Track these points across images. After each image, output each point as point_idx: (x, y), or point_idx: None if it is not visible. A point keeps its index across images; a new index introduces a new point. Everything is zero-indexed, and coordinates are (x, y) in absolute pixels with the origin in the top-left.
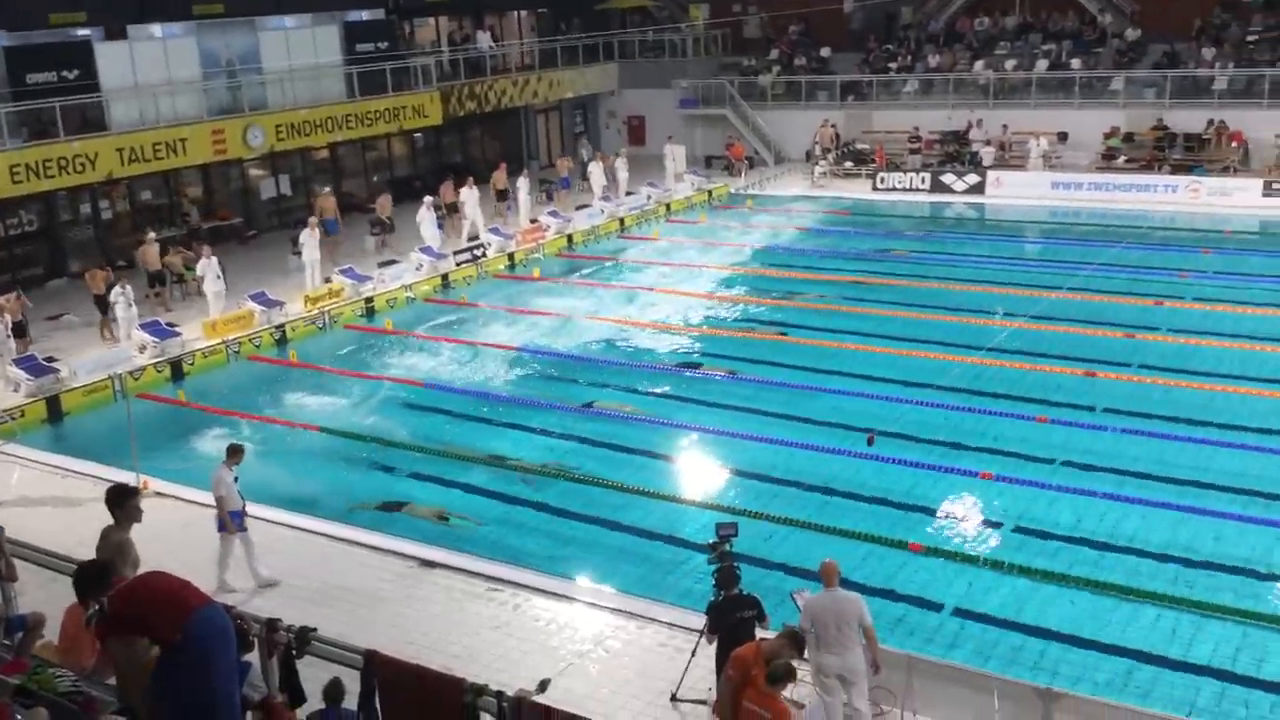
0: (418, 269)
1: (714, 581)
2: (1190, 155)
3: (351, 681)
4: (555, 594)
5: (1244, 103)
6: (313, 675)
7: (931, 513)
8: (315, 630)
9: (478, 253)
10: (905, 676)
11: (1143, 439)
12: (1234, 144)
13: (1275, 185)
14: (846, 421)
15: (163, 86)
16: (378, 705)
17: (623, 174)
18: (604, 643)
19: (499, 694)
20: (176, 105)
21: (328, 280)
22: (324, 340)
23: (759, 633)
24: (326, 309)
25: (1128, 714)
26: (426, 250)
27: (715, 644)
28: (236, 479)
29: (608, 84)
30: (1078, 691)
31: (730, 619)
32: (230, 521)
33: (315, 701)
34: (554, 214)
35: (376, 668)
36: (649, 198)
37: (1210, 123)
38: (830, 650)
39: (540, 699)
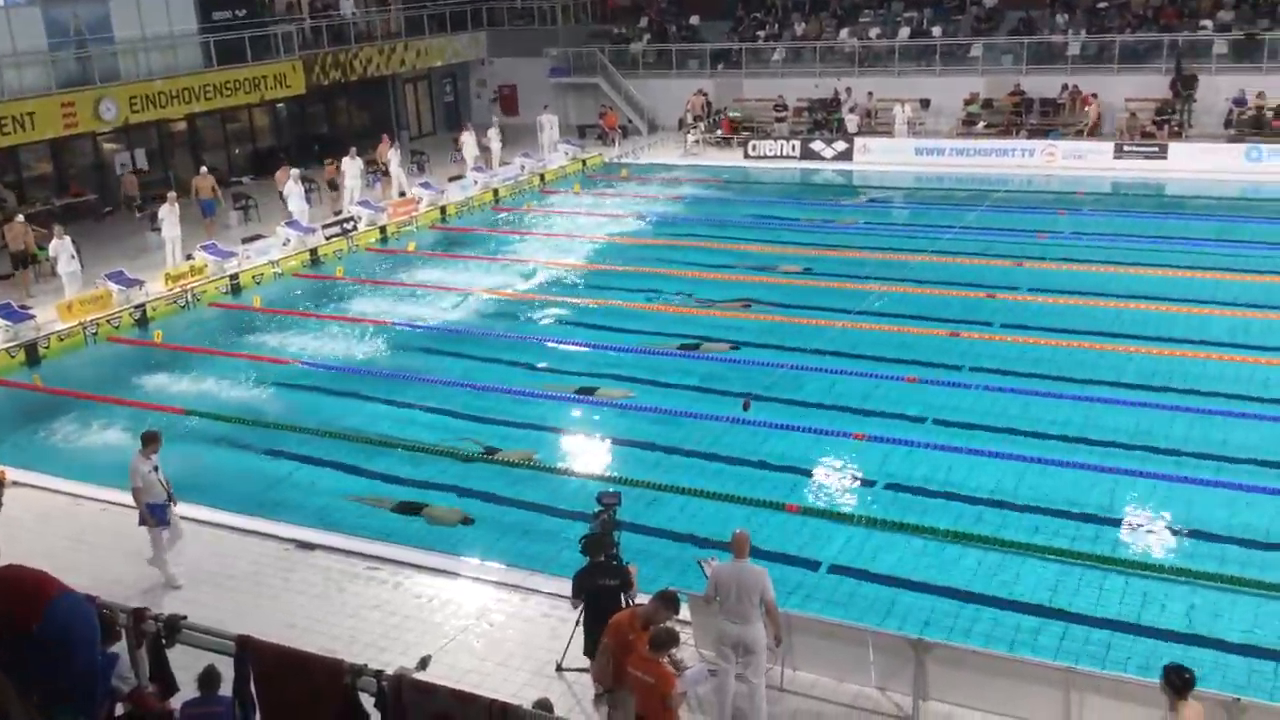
0: (285, 244)
1: (580, 549)
2: (1046, 120)
3: (228, 668)
4: (437, 570)
5: (1096, 68)
6: (189, 664)
7: (808, 474)
8: (185, 618)
9: (348, 226)
10: (784, 634)
11: (1007, 395)
12: (1087, 108)
13: (1126, 148)
14: (723, 387)
15: (6, 58)
16: (253, 691)
17: (495, 144)
18: (488, 616)
19: (379, 674)
20: (23, 78)
21: (189, 257)
22: (188, 319)
23: (632, 600)
24: (189, 287)
25: (997, 660)
26: (293, 224)
27: (582, 611)
28: (156, 468)
29: (477, 52)
30: (950, 641)
31: (592, 586)
32: (148, 515)
33: (190, 691)
34: (426, 186)
35: (250, 653)
36: (523, 168)
37: (1065, 88)
38: (730, 619)
39: (421, 676)
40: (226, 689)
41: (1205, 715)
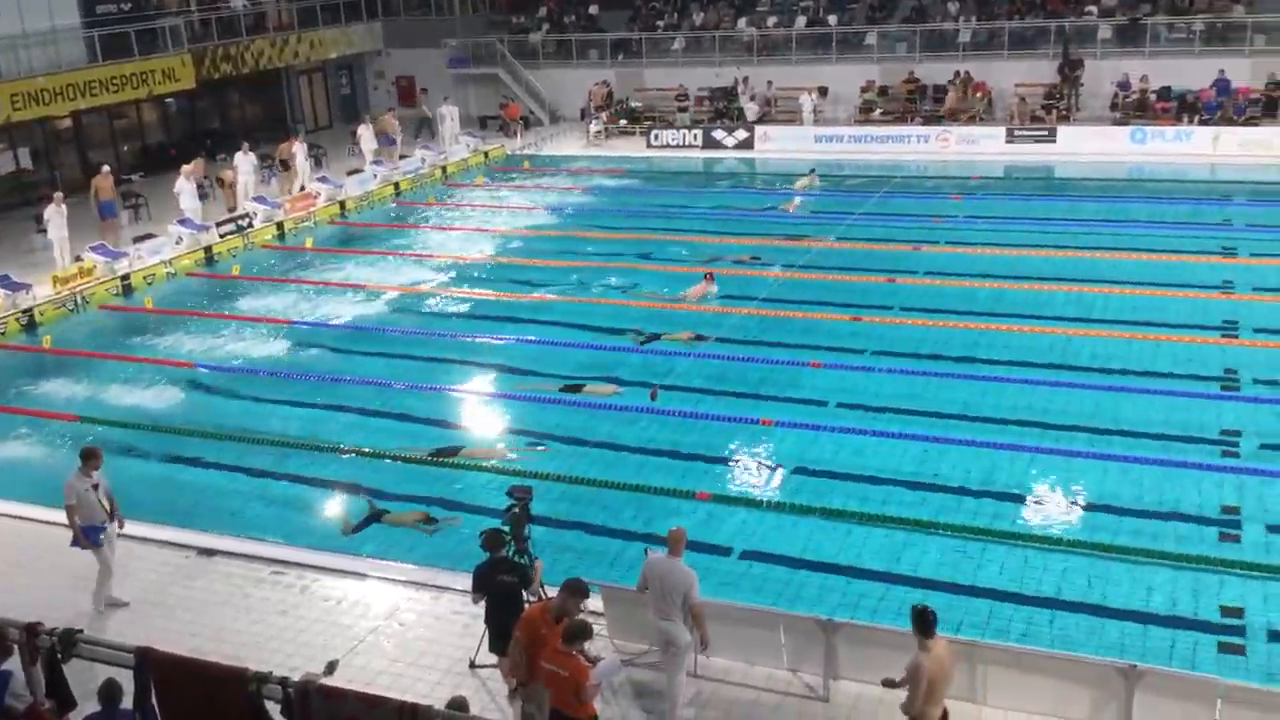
0: (177, 242)
1: (480, 544)
2: (940, 106)
3: (129, 682)
4: (344, 571)
5: (987, 54)
6: (88, 679)
7: (717, 461)
8: (81, 631)
9: (243, 223)
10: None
11: (909, 377)
12: (979, 94)
13: (1017, 132)
14: (630, 377)
15: None
16: (155, 703)
17: (396, 136)
18: (398, 616)
19: (284, 680)
20: None
21: (78, 259)
22: (78, 323)
23: (532, 596)
24: (78, 290)
25: (905, 638)
26: (185, 222)
27: (484, 606)
28: (96, 486)
29: (373, 43)
30: (859, 621)
31: (491, 582)
32: (81, 536)
33: (91, 706)
34: (324, 180)
35: (151, 665)
36: (424, 161)
37: (957, 74)
38: (656, 614)
39: (329, 681)
40: (128, 702)
41: (1100, 679)
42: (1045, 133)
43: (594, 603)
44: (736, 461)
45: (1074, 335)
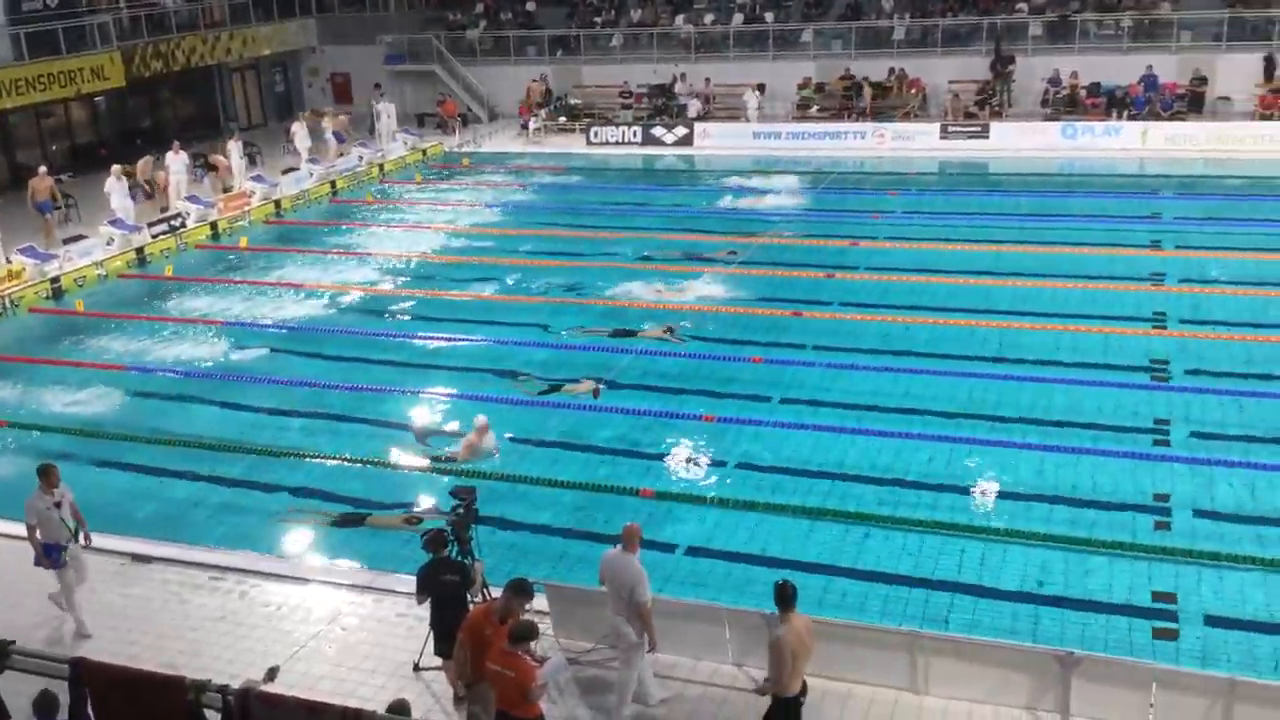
0: (108, 244)
1: (422, 545)
2: (875, 103)
3: (65, 693)
4: (285, 576)
5: (921, 51)
6: (23, 689)
7: (660, 458)
8: (14, 643)
9: (175, 223)
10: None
11: (850, 371)
12: (913, 91)
13: (951, 128)
14: (574, 374)
15: None
16: (91, 715)
17: (329, 134)
18: (340, 620)
19: (224, 688)
20: None
21: (8, 261)
22: (7, 327)
23: (474, 596)
24: (7, 293)
25: (850, 630)
26: (116, 223)
27: (429, 608)
28: (58, 504)
29: (307, 40)
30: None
31: (434, 583)
32: (43, 556)
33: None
34: (259, 179)
35: (86, 676)
36: (361, 159)
37: (892, 71)
38: (610, 609)
39: (270, 687)
40: (65, 715)
41: (1038, 666)
42: (979, 129)
43: (539, 601)
44: (679, 458)
45: (1008, 328)
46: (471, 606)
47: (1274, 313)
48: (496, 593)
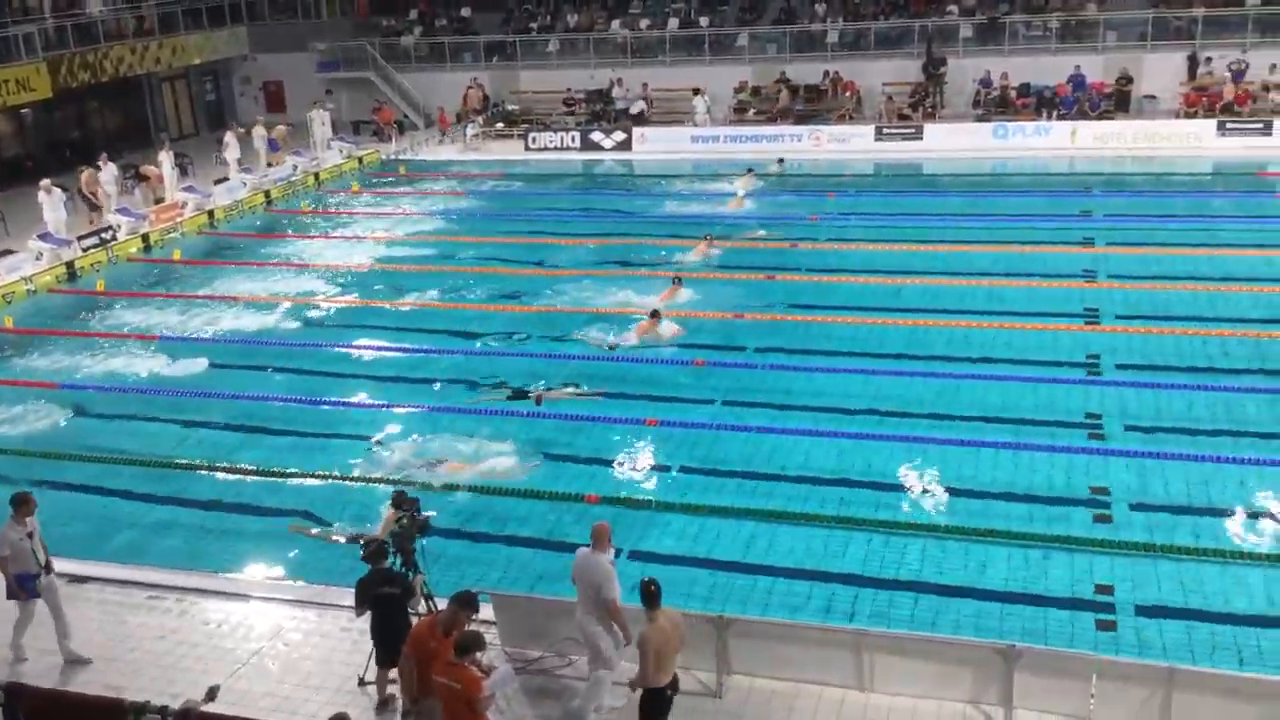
0: (37, 258)
1: (362, 556)
2: (811, 105)
3: None
4: (225, 593)
5: (854, 54)
6: None
7: (605, 463)
8: None
9: (106, 236)
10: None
11: (790, 373)
12: (848, 93)
13: (885, 130)
14: (515, 382)
15: None
16: None
17: (260, 144)
18: (282, 636)
19: (163, 709)
20: None
21: None
22: None
23: (441, 603)
24: None
25: (794, 629)
26: (46, 237)
27: (369, 619)
28: (31, 534)
29: (238, 48)
30: (749, 615)
31: (373, 594)
32: (17, 587)
33: None
34: (191, 190)
35: (21, 701)
36: (295, 168)
37: (826, 74)
38: (578, 608)
39: (209, 708)
40: None
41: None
42: (912, 130)
43: (485, 612)
44: (623, 463)
45: (946, 326)
46: (415, 619)
47: (1204, 306)
48: (441, 604)
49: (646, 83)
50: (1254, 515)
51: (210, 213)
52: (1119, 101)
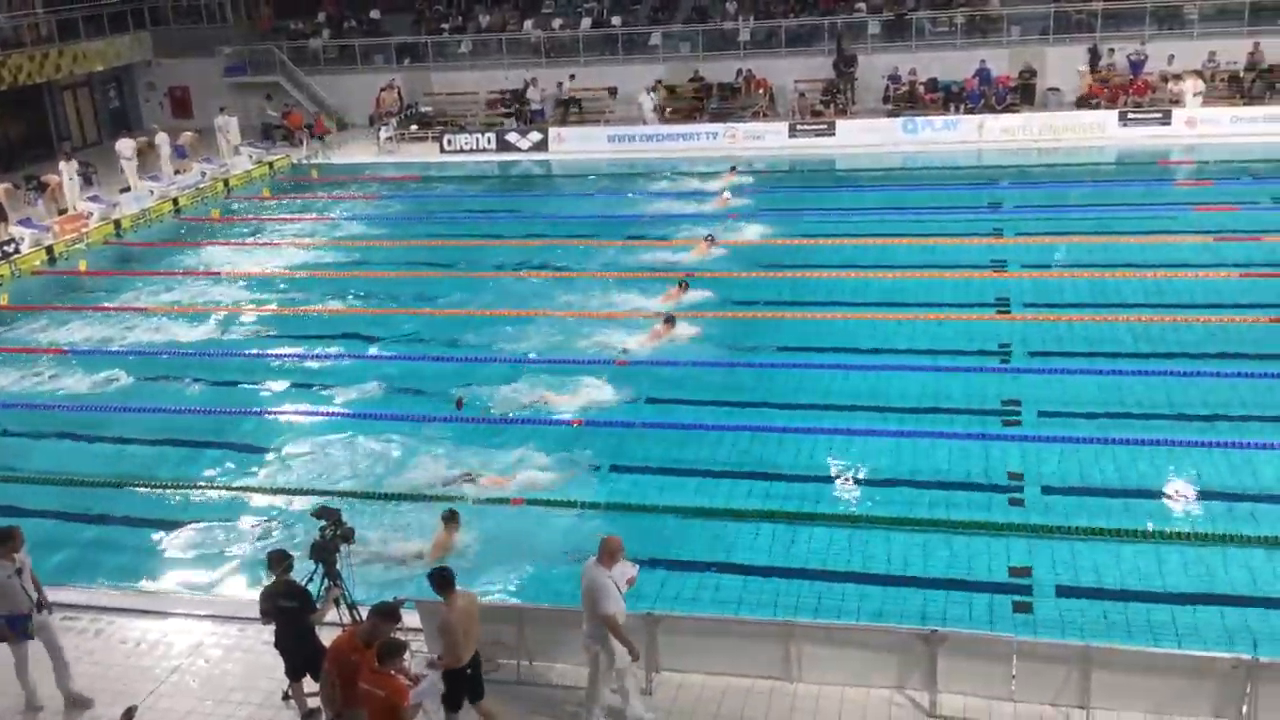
0: None
1: (265, 566)
2: (726, 104)
3: None
4: (143, 611)
5: (766, 52)
6: None
7: (530, 466)
8: None
9: (8, 249)
10: (517, 627)
11: (712, 369)
12: (761, 91)
13: (799, 127)
14: (431, 388)
15: None
16: None
17: (164, 150)
18: (203, 652)
19: None
20: None
21: None
22: None
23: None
24: None
25: (721, 623)
26: None
27: (274, 630)
28: (19, 571)
29: (142, 54)
30: (678, 612)
31: (273, 607)
32: (5, 629)
33: None
34: (96, 200)
35: None
36: (204, 175)
37: (739, 72)
38: (584, 620)
39: None
40: None
41: (905, 646)
42: (825, 126)
43: (410, 619)
44: (549, 464)
45: (861, 319)
46: (343, 629)
47: (1110, 293)
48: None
49: (561, 82)
50: (1164, 495)
51: (117, 222)
52: (1024, 94)
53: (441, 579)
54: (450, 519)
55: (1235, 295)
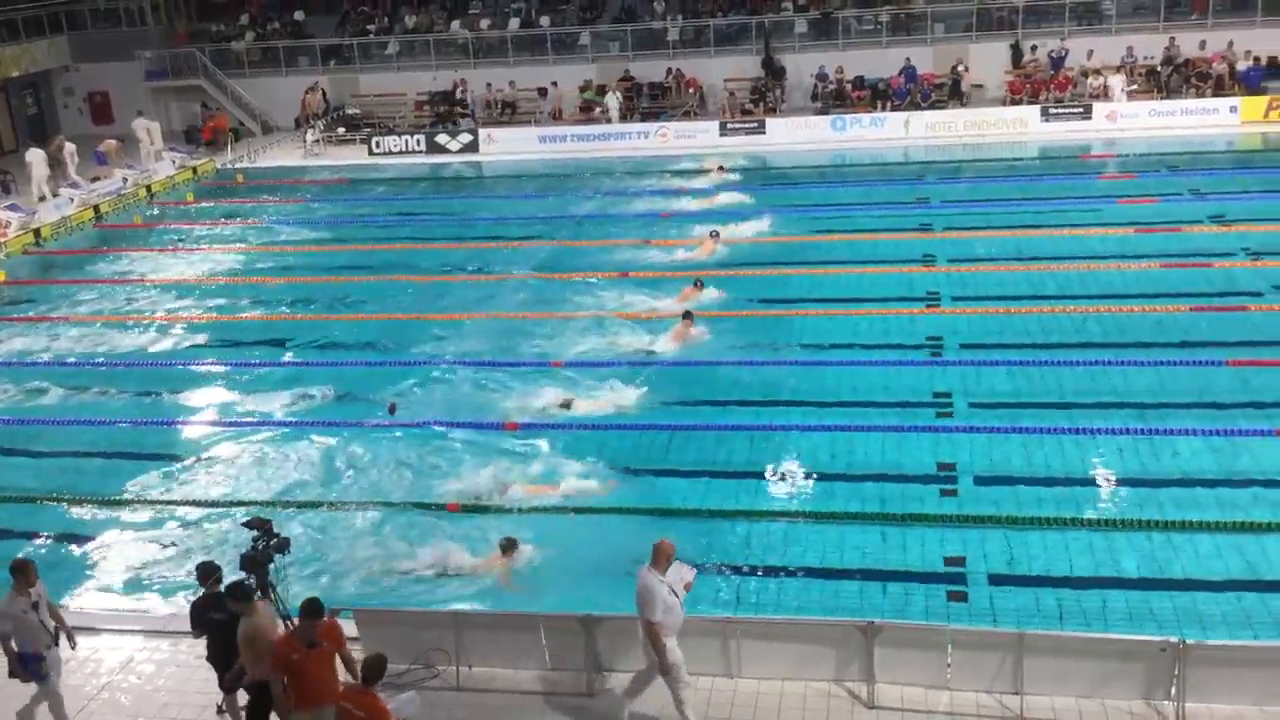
0: None
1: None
2: (656, 103)
3: None
4: (72, 628)
5: (695, 51)
6: None
7: (462, 472)
8: None
9: None
10: (450, 632)
11: (644, 368)
12: (691, 90)
13: (729, 126)
14: (363, 394)
15: None
16: None
17: (71, 158)
18: (134, 668)
19: None
20: None
21: None
22: None
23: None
24: None
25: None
26: None
27: (205, 642)
28: (35, 605)
29: (59, 59)
30: (615, 613)
31: (204, 619)
32: (18, 668)
33: None
34: (14, 209)
35: None
36: (126, 181)
37: (669, 71)
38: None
39: None
40: None
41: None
42: (755, 125)
43: (349, 629)
44: (482, 469)
45: (795, 315)
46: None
47: (1037, 285)
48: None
49: (490, 83)
50: (1092, 482)
51: (36, 231)
52: (949, 91)
53: (242, 590)
54: (508, 547)
55: (1157, 285)
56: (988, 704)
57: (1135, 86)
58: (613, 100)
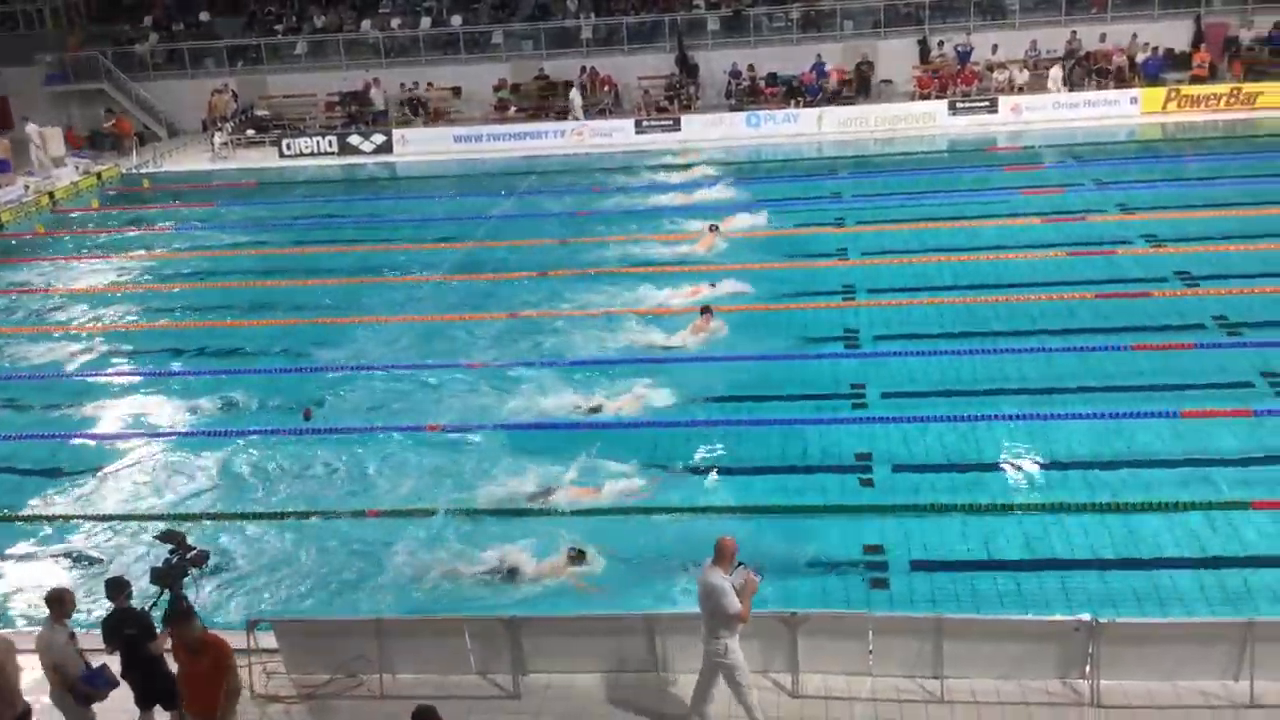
0: None
1: (106, 593)
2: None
3: None
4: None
5: (609, 50)
6: None
7: (388, 475)
8: None
9: None
10: (374, 639)
11: (572, 367)
12: (605, 89)
13: (645, 123)
14: (278, 400)
15: None
16: None
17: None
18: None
19: None
20: None
21: None
22: None
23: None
24: None
25: (590, 622)
26: None
27: (119, 658)
28: (73, 635)
29: None
30: (537, 614)
31: (117, 634)
32: (79, 689)
33: None
34: None
35: None
36: (27, 188)
37: (583, 70)
38: (703, 627)
39: None
40: None
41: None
42: (670, 122)
43: (267, 640)
44: (405, 473)
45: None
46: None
47: (948, 276)
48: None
49: (404, 83)
50: (1005, 467)
51: None
52: (859, 87)
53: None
54: (577, 557)
55: (1064, 273)
56: (909, 688)
57: (1061, 77)
58: (576, 96)
